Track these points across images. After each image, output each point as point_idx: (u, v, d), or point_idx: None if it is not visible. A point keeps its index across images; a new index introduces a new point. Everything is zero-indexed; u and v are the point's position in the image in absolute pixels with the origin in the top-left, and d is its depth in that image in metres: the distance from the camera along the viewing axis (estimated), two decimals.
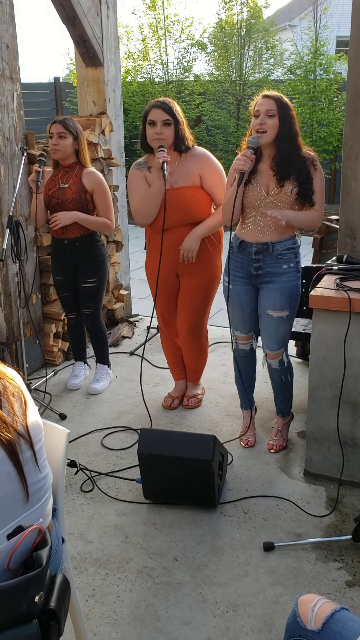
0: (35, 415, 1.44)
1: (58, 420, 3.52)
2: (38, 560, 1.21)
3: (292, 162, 2.80)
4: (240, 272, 3.00)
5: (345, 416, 2.78)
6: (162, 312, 3.56)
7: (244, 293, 3.01)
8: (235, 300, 3.05)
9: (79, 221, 3.53)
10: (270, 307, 2.96)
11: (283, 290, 2.92)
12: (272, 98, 2.77)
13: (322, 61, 10.11)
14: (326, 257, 4.06)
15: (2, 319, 3.93)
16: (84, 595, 2.28)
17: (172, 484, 2.70)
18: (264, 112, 2.75)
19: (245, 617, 2.16)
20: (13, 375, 1.44)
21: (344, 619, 1.37)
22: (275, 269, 2.92)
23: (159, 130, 3.10)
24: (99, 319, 3.84)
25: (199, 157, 3.25)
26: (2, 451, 1.29)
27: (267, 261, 2.92)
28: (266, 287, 2.96)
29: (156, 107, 3.11)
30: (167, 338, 3.65)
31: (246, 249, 2.95)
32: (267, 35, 11.01)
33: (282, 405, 3.19)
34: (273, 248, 2.89)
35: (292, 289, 2.94)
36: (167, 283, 3.43)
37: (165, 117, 3.10)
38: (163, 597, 2.26)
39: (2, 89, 3.64)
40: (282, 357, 3.06)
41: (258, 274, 2.95)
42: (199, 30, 21.33)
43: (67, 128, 3.45)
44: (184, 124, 3.19)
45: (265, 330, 3.04)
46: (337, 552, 2.46)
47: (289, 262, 2.92)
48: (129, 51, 11.30)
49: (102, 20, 4.44)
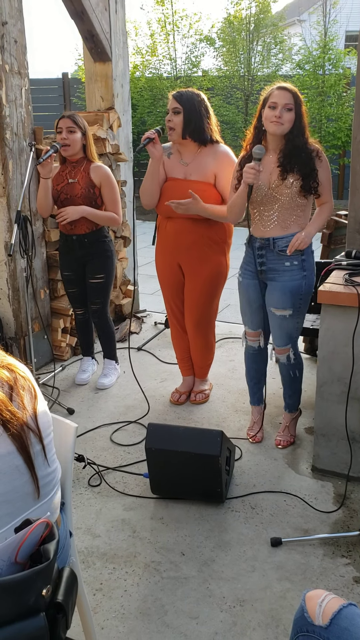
0: (44, 410, 1.44)
1: (66, 415, 3.52)
2: (45, 553, 1.21)
3: (299, 154, 2.78)
4: (249, 267, 3.01)
5: (354, 412, 2.77)
6: (170, 304, 3.58)
7: (252, 288, 3.01)
8: (243, 294, 3.07)
9: (86, 215, 3.53)
10: (272, 304, 2.96)
11: (284, 288, 2.90)
12: (290, 92, 2.75)
13: (331, 56, 10.05)
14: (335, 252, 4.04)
15: (11, 314, 3.94)
16: (92, 589, 2.29)
17: (180, 479, 2.70)
18: (282, 105, 2.72)
19: (253, 612, 2.16)
20: (24, 369, 1.44)
21: (352, 615, 1.36)
22: (277, 266, 2.91)
23: (169, 118, 3.21)
24: (107, 315, 3.85)
25: (219, 155, 3.26)
26: (12, 444, 1.29)
27: (269, 257, 2.91)
28: (270, 284, 2.96)
29: (172, 97, 3.22)
30: (177, 332, 3.66)
31: (252, 244, 2.96)
32: (276, 30, 10.95)
33: (290, 400, 3.18)
34: (274, 244, 2.88)
35: (295, 287, 2.89)
36: (171, 273, 3.47)
37: (175, 105, 3.18)
38: (170, 591, 2.27)
39: (11, 84, 3.64)
40: (289, 353, 3.05)
41: (262, 269, 2.94)
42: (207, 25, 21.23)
43: (76, 122, 3.45)
44: (203, 115, 3.20)
45: (271, 327, 3.05)
46: (344, 548, 2.45)
47: (291, 260, 2.89)
48: (137, 46, 11.28)
49: (110, 15, 4.43)
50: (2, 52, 3.55)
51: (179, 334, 3.65)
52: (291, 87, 2.79)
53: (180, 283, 3.48)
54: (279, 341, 3.03)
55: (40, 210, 3.65)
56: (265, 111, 2.77)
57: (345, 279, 2.72)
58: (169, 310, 3.62)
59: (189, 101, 3.17)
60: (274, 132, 2.76)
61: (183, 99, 3.16)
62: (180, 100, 3.16)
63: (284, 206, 2.84)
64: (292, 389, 3.16)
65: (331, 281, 2.75)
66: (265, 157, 2.86)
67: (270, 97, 2.76)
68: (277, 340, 3.04)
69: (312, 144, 2.83)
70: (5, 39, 3.55)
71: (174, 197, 3.19)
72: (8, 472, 1.28)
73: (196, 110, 3.18)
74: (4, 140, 3.64)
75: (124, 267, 4.89)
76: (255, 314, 3.07)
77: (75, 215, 3.50)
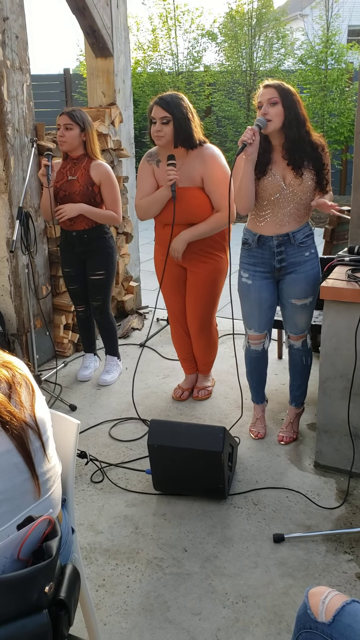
0: (43, 406, 1.44)
1: (68, 411, 3.53)
2: (48, 550, 1.21)
3: (303, 148, 2.77)
4: (261, 267, 2.96)
5: (356, 408, 2.76)
6: (172, 305, 3.55)
7: (264, 288, 2.98)
8: (254, 295, 3.00)
9: (84, 213, 3.51)
10: (295, 296, 2.95)
11: (308, 279, 2.92)
12: (272, 86, 2.74)
13: (333, 51, 10.01)
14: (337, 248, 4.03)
15: (13, 311, 3.94)
16: (94, 585, 2.29)
17: (182, 475, 2.70)
18: (266, 101, 2.72)
19: (255, 609, 2.16)
20: (21, 366, 1.44)
21: (355, 612, 1.36)
22: (299, 258, 2.91)
23: (157, 128, 3.07)
24: (108, 311, 3.84)
25: (205, 158, 3.17)
26: (11, 442, 1.29)
27: (289, 252, 2.90)
28: (289, 278, 2.94)
29: (156, 105, 3.07)
30: (178, 333, 3.64)
31: (266, 243, 2.91)
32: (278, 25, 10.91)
33: (298, 392, 3.18)
34: (294, 237, 2.88)
35: (316, 275, 2.95)
36: (173, 276, 3.43)
37: (163, 114, 3.05)
38: (173, 587, 2.27)
39: (12, 80, 3.63)
40: (305, 338, 3.07)
41: (282, 266, 2.92)
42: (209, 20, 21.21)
43: (73, 119, 3.42)
44: (190, 119, 3.10)
45: (289, 318, 3.04)
46: (347, 545, 2.45)
47: (309, 249, 2.93)
48: (138, 42, 11.24)
49: (111, 10, 4.41)
50: (4, 48, 3.53)
51: (181, 335, 3.63)
52: (274, 82, 2.77)
53: (181, 282, 3.46)
54: (297, 329, 3.04)
55: (45, 215, 3.67)
56: (257, 114, 2.78)
57: (348, 275, 2.71)
58: (170, 311, 3.60)
59: (177, 108, 3.05)
60: (265, 130, 2.75)
61: (171, 107, 3.04)
62: (168, 108, 3.04)
63: (301, 202, 2.83)
64: (301, 378, 3.16)
65: (334, 277, 2.74)
66: (275, 155, 2.83)
67: (258, 98, 2.78)
68: (294, 329, 3.05)
69: (317, 138, 2.81)
70: (6, 34, 3.54)
71: (168, 206, 3.17)
72: (7, 469, 1.28)
73: (184, 116, 3.07)
74: (6, 136, 3.63)
75: (126, 264, 4.89)
76: (264, 315, 3.03)
77: (72, 212, 3.49)
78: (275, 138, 2.81)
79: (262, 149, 2.82)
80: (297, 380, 3.17)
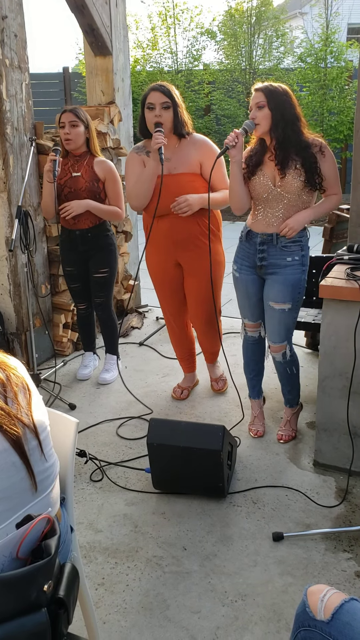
0: (40, 405, 1.44)
1: (68, 410, 3.53)
2: (47, 549, 1.21)
3: (288, 147, 2.76)
4: (247, 262, 3.00)
5: (355, 407, 2.76)
6: (168, 304, 3.50)
7: (250, 282, 3.01)
8: (242, 288, 3.06)
9: (90, 209, 3.52)
10: (272, 298, 2.95)
11: (286, 282, 2.90)
12: (260, 90, 2.75)
13: (333, 49, 10.00)
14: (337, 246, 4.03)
15: (12, 310, 3.94)
16: (94, 583, 2.29)
17: (182, 474, 2.70)
18: (254, 105, 2.75)
19: (254, 607, 2.17)
20: (16, 365, 1.44)
21: (354, 610, 1.36)
22: (279, 261, 2.90)
23: (157, 113, 3.05)
24: (111, 308, 3.84)
25: (199, 144, 3.19)
26: (6, 442, 1.29)
27: (271, 252, 2.91)
28: (270, 279, 2.95)
29: (154, 90, 3.05)
30: (176, 335, 3.61)
31: (252, 239, 2.95)
32: (278, 23, 10.91)
33: (289, 396, 3.18)
34: (277, 240, 2.88)
35: (295, 281, 2.90)
36: (167, 272, 3.38)
37: (164, 99, 3.04)
38: (172, 586, 2.27)
39: (11, 78, 3.62)
40: (285, 350, 3.04)
41: (262, 264, 2.94)
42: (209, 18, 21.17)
43: (78, 116, 3.43)
44: (182, 108, 3.13)
45: (269, 322, 3.03)
46: (346, 543, 2.45)
47: (293, 255, 2.89)
48: (137, 40, 11.24)
49: (110, 8, 4.41)
50: (2, 47, 3.53)
51: (178, 335, 3.60)
52: (263, 85, 2.77)
53: (178, 281, 3.41)
54: (276, 337, 3.01)
55: (45, 212, 3.65)
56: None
57: (347, 274, 2.71)
58: (166, 311, 3.54)
59: (174, 95, 3.08)
60: (254, 133, 2.79)
61: (169, 93, 3.05)
62: (169, 94, 3.04)
63: (290, 203, 2.83)
64: (290, 385, 3.16)
65: (333, 276, 2.74)
66: (267, 156, 2.84)
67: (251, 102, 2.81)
68: (274, 337, 3.02)
69: (311, 137, 2.81)
70: (5, 33, 3.53)
71: (167, 194, 3.10)
72: (5, 468, 1.28)
73: (179, 103, 3.10)
74: (5, 135, 3.63)
75: (125, 262, 4.89)
76: (254, 307, 3.07)
77: (80, 209, 3.49)
78: (267, 140, 2.84)
79: (256, 149, 2.87)
80: (285, 387, 3.17)
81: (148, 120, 3.10)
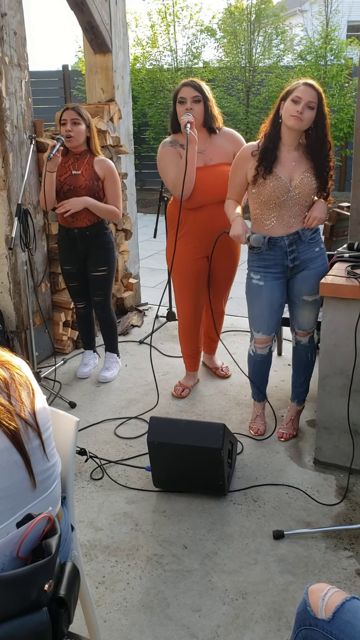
0: (43, 404, 1.43)
1: (68, 408, 3.52)
2: (47, 548, 1.21)
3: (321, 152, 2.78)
4: (274, 269, 2.92)
5: (356, 405, 2.76)
6: (193, 303, 3.49)
7: (276, 288, 2.95)
8: (266, 296, 2.96)
9: (89, 207, 3.51)
10: (306, 292, 2.95)
11: (319, 274, 2.91)
12: (316, 90, 2.70)
13: (332, 46, 9.99)
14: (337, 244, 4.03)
15: (12, 308, 3.93)
16: (94, 582, 2.29)
17: (182, 472, 2.70)
18: (306, 102, 2.67)
19: (255, 605, 2.16)
20: (20, 364, 1.43)
21: (355, 608, 1.36)
22: (310, 255, 2.92)
23: (189, 107, 3.17)
24: (109, 307, 3.84)
25: (231, 136, 3.31)
26: (8, 440, 1.29)
27: (301, 249, 2.90)
28: (301, 275, 2.94)
29: (186, 85, 3.19)
30: (190, 330, 3.58)
31: (277, 244, 2.88)
32: (277, 21, 10.87)
33: (301, 389, 3.18)
34: (304, 235, 2.88)
35: (326, 270, 2.94)
36: (197, 265, 3.40)
37: (195, 93, 3.16)
38: (173, 584, 2.27)
39: (11, 76, 3.62)
40: (313, 333, 3.08)
41: (295, 264, 2.91)
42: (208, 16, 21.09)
43: (80, 114, 3.43)
44: (213, 102, 3.24)
45: (299, 314, 3.03)
46: (347, 541, 2.45)
47: (319, 244, 2.95)
48: (137, 38, 11.22)
49: (110, 6, 4.40)
50: (2, 44, 3.52)
51: (194, 331, 3.59)
52: (317, 85, 2.73)
53: (205, 274, 3.41)
54: (306, 325, 3.04)
55: (43, 203, 3.62)
56: (287, 104, 2.71)
57: (347, 272, 2.70)
58: (188, 304, 3.50)
59: (204, 90, 3.20)
60: (292, 126, 2.71)
61: (200, 88, 3.18)
62: (199, 89, 3.17)
63: (306, 204, 2.84)
64: (305, 375, 3.16)
65: (333, 273, 2.74)
66: (284, 154, 2.81)
67: (294, 90, 2.70)
68: (305, 325, 3.05)
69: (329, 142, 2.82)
70: (4, 30, 3.53)
71: (204, 184, 3.19)
72: (7, 467, 1.28)
73: (209, 98, 3.22)
74: (4, 133, 3.62)
75: (125, 260, 4.88)
76: (274, 315, 3.00)
77: (78, 206, 3.49)
78: (291, 137, 2.78)
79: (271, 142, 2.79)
80: (300, 377, 3.16)
81: (179, 113, 3.20)
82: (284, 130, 2.78)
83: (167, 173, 3.27)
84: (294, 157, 2.80)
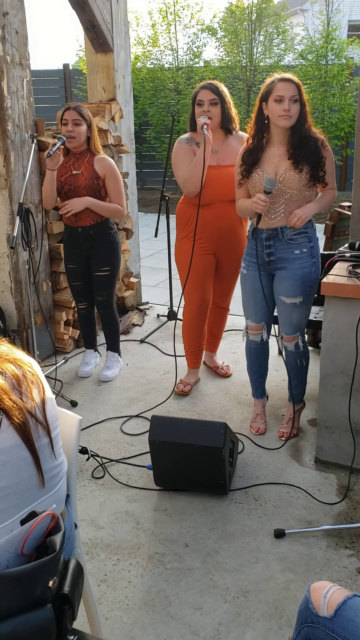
0: (52, 403, 1.44)
1: (69, 407, 3.53)
2: (52, 545, 1.22)
3: (308, 144, 2.79)
4: (254, 259, 2.98)
5: (357, 404, 2.77)
6: (201, 298, 3.53)
7: (257, 279, 3.00)
8: (248, 286, 3.05)
9: (90, 207, 3.52)
10: (283, 293, 2.95)
11: (295, 276, 2.90)
12: (294, 82, 2.74)
13: (333, 46, 9.99)
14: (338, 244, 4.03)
15: (13, 307, 3.94)
16: (96, 580, 2.30)
17: (183, 471, 2.71)
18: (289, 97, 2.71)
19: (256, 603, 2.17)
20: (31, 362, 1.44)
21: (357, 606, 1.37)
22: (287, 255, 2.91)
23: (206, 109, 3.25)
24: (112, 306, 3.84)
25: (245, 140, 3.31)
26: (18, 437, 1.29)
27: (278, 247, 2.91)
28: (279, 274, 2.95)
29: (204, 88, 3.26)
30: (195, 326, 3.62)
31: (258, 236, 2.95)
32: (278, 20, 10.87)
33: (295, 390, 3.18)
34: (282, 233, 2.88)
35: (305, 275, 2.91)
36: (205, 265, 3.47)
37: (212, 96, 3.24)
38: (174, 582, 2.28)
39: (12, 75, 3.62)
40: (297, 340, 3.05)
41: (270, 260, 2.94)
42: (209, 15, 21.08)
43: (81, 115, 3.44)
44: (230, 105, 3.32)
45: (280, 315, 3.04)
46: (348, 540, 2.46)
47: (300, 248, 2.90)
48: (138, 37, 11.21)
49: (111, 5, 4.40)
50: (4, 43, 3.53)
51: (200, 327, 3.63)
52: (293, 77, 2.78)
53: (212, 271, 3.53)
54: (289, 329, 3.03)
55: (45, 202, 3.64)
56: (271, 105, 2.75)
57: (349, 271, 2.71)
58: (195, 300, 3.53)
59: (222, 92, 3.26)
60: (284, 126, 2.75)
61: (218, 91, 3.25)
62: (217, 92, 3.24)
63: (291, 198, 2.84)
64: (298, 379, 3.16)
65: (335, 273, 2.75)
66: (270, 150, 2.85)
67: (274, 90, 2.74)
68: (286, 329, 3.04)
69: (315, 132, 2.83)
70: (6, 29, 3.53)
71: (214, 183, 3.26)
72: (16, 463, 1.28)
73: (227, 101, 3.29)
74: (6, 132, 3.62)
75: (127, 260, 4.89)
76: (259, 306, 3.06)
77: (79, 206, 3.49)
78: (280, 134, 2.82)
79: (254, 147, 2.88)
80: (293, 380, 3.17)
81: (197, 114, 3.28)
82: (273, 129, 2.82)
83: (180, 168, 3.37)
84: (280, 152, 2.84)
